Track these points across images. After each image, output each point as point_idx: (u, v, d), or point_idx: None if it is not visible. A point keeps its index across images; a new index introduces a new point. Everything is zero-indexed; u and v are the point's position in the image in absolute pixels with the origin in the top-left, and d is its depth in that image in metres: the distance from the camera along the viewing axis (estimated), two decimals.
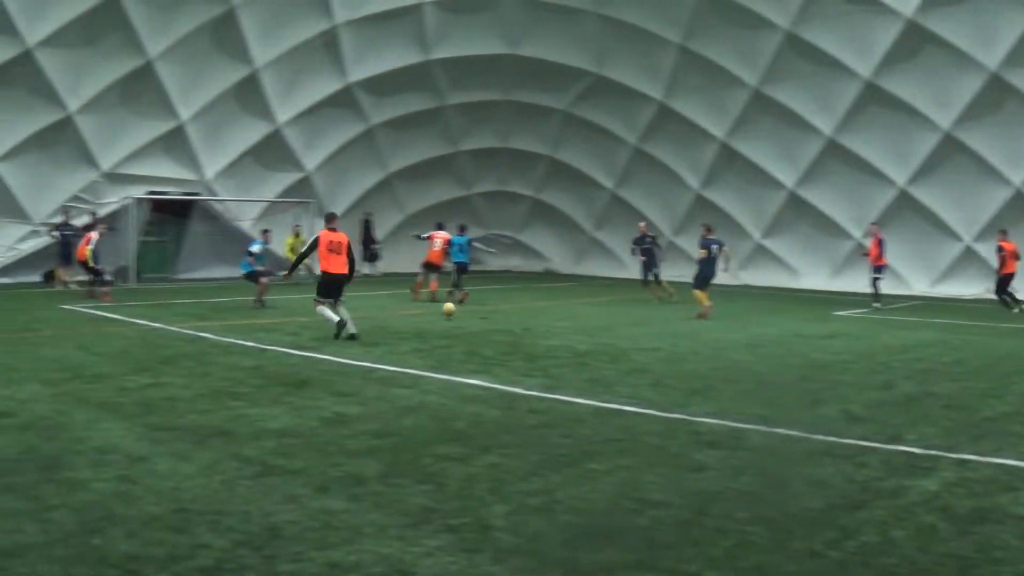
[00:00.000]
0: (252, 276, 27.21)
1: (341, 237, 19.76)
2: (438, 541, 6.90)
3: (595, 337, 19.97)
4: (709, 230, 26.48)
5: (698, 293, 25.41)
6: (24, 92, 31.65)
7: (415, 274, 31.34)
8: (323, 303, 19.45)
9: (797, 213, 37.79)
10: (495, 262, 46.89)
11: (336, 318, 18.99)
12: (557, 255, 47.63)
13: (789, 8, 33.52)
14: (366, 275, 38.62)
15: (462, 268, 29.27)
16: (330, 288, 19.56)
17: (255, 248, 27.88)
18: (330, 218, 20.55)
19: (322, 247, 19.51)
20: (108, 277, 28.14)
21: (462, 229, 30.58)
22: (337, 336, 18.64)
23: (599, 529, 7.26)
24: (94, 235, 27.98)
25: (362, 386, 13.42)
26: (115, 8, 31.23)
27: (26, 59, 30.73)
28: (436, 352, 17.20)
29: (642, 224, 33.61)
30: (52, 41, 30.83)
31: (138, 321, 21.59)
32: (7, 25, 29.82)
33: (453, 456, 9.37)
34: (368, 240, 41.60)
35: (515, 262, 47.73)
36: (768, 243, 38.72)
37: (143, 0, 31.66)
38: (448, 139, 42.90)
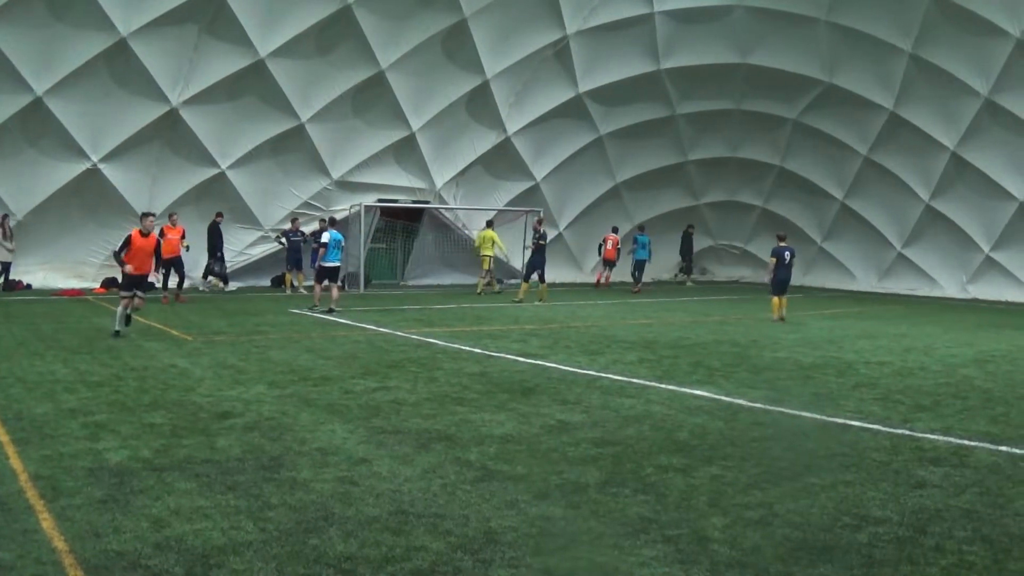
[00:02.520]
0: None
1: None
2: (654, 551, 6.85)
3: (821, 350, 19.55)
4: (781, 239, 27.19)
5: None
6: (257, 101, 32.61)
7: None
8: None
9: None
10: (723, 273, 46.46)
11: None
12: None
13: (1021, 15, 32.01)
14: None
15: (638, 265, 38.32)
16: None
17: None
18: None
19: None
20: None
21: (641, 229, 39.90)
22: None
23: (817, 544, 7.13)
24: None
25: (587, 394, 13.35)
26: (347, 19, 31.90)
27: (259, 69, 31.66)
28: (663, 362, 17.02)
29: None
30: (284, 51, 31.65)
31: (366, 326, 22.02)
32: (241, 37, 30.77)
33: (674, 467, 9.28)
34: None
35: (742, 273, 46.96)
36: (997, 255, 36.99)
37: (375, 11, 32.29)
38: (677, 149, 42.41)
